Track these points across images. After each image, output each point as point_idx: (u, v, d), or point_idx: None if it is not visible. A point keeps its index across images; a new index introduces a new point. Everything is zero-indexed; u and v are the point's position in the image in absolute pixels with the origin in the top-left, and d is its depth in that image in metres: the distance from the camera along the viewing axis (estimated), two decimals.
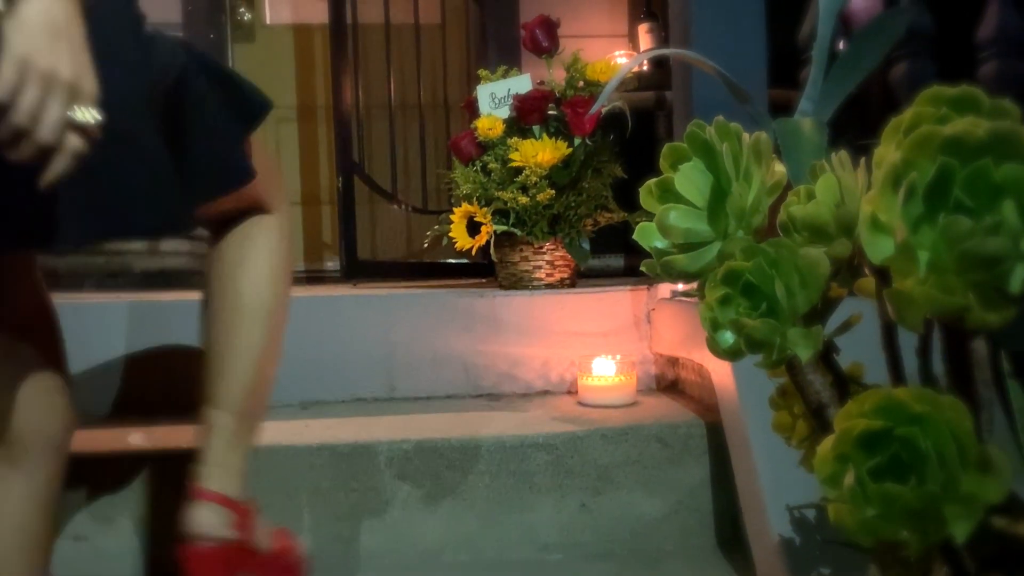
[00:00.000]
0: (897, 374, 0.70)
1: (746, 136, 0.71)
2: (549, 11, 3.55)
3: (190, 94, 0.90)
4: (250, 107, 0.97)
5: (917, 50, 1.78)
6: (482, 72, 1.90)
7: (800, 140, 1.32)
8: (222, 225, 1.05)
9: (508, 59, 3.52)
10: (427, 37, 3.33)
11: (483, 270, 2.57)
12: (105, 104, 0.74)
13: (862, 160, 0.72)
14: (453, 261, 3.20)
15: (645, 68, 3.33)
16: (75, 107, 0.71)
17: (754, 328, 0.61)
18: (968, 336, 0.59)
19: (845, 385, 0.75)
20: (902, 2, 1.80)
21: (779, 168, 0.71)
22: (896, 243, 0.53)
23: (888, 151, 0.62)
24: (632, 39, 3.53)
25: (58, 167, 0.71)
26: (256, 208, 1.04)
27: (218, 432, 1.02)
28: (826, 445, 0.53)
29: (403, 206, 3.20)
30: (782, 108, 1.85)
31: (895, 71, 1.80)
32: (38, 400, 0.95)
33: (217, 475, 1.01)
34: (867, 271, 0.71)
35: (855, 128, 2.16)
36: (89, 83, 0.73)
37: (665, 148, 0.73)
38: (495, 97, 1.61)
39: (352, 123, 3.08)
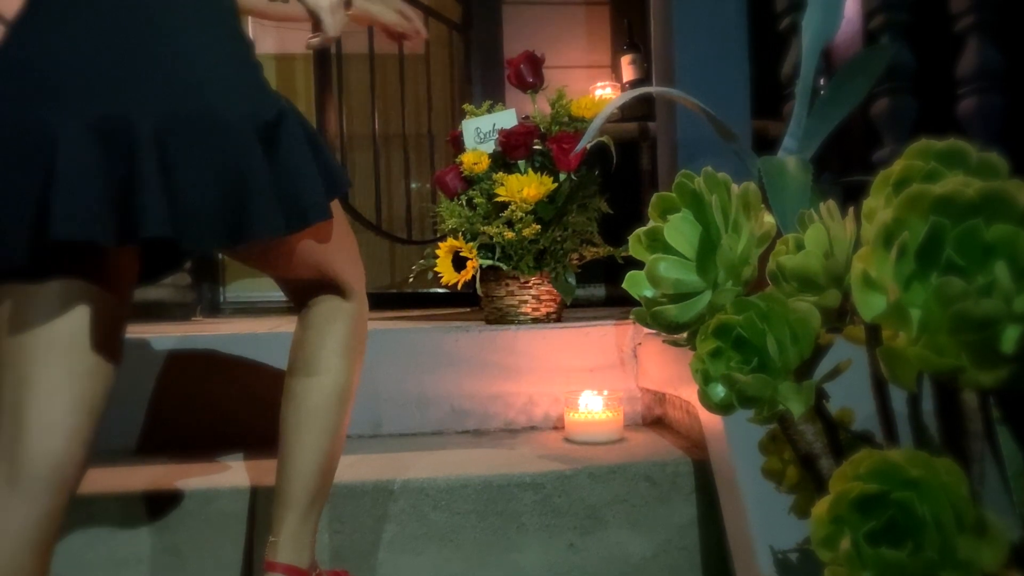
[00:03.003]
0: (889, 427, 0.70)
1: (735, 186, 0.71)
2: (532, 42, 3.59)
3: (287, 134, 0.95)
4: (334, 176, 1.01)
5: (898, 86, 1.80)
6: (467, 107, 1.91)
7: (785, 178, 1.33)
8: (302, 296, 1.14)
9: (492, 89, 3.55)
10: (411, 68, 3.35)
11: (467, 299, 2.56)
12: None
13: (850, 210, 0.72)
14: (437, 291, 3.20)
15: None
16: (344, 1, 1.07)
17: (747, 384, 0.60)
18: (958, 388, 0.59)
19: (835, 433, 0.74)
20: (883, 39, 1.82)
21: (768, 219, 0.71)
22: (888, 302, 0.53)
23: (877, 203, 0.62)
24: (615, 70, 3.57)
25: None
26: (336, 287, 1.12)
27: (292, 507, 1.10)
28: (821, 507, 0.53)
29: (387, 237, 3.19)
30: (760, 137, 1.86)
31: (876, 106, 1.82)
32: (62, 423, 0.92)
33: (289, 547, 1.10)
34: (856, 321, 0.71)
35: (837, 163, 2.19)
36: None
37: (654, 198, 0.72)
38: (480, 132, 1.61)
39: (336, 153, 3.08)
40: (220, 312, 3.44)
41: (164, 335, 1.73)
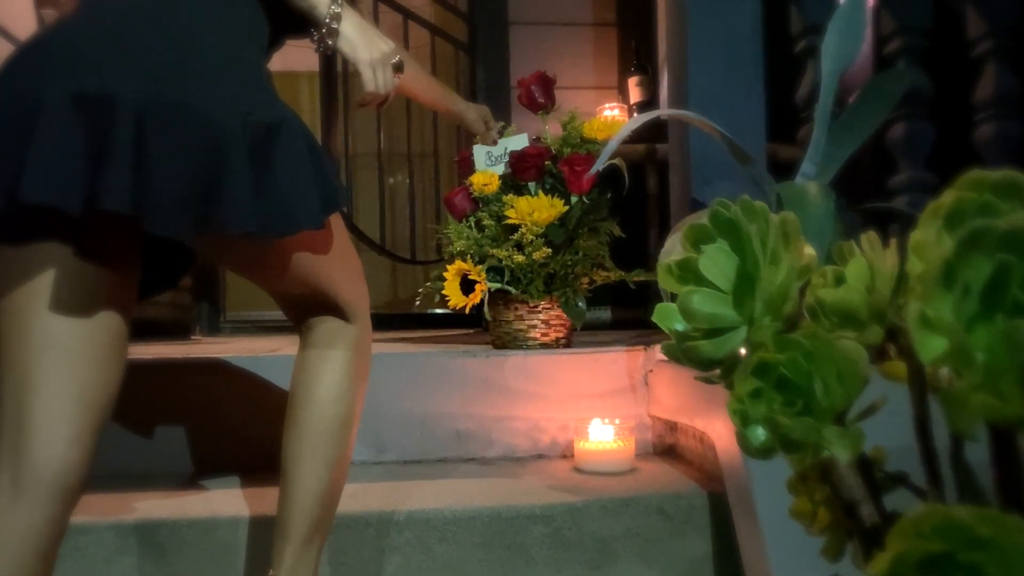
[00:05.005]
0: (932, 472, 0.66)
1: (773, 216, 0.67)
2: (538, 63, 3.58)
3: (286, 139, 0.92)
4: (333, 191, 0.98)
5: (915, 111, 1.77)
6: None
7: (807, 205, 1.29)
8: (300, 314, 1.10)
9: (498, 110, 3.52)
10: None
11: (470, 320, 2.52)
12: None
13: (892, 242, 0.69)
14: (438, 312, 3.16)
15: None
16: (393, 63, 1.10)
17: (791, 428, 0.56)
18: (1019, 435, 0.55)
19: (871, 473, 0.71)
20: (899, 63, 1.79)
21: (809, 251, 0.67)
22: (950, 345, 0.50)
23: (927, 237, 0.58)
24: (622, 91, 3.55)
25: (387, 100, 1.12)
26: (336, 308, 1.09)
27: (292, 539, 1.06)
28: (880, 566, 0.49)
29: (390, 257, 3.16)
30: (769, 161, 1.83)
31: (893, 132, 1.79)
32: (66, 429, 0.89)
33: None
34: (895, 356, 0.68)
35: (849, 188, 2.15)
36: (391, 44, 1.10)
37: (687, 227, 0.69)
38: (491, 156, 1.58)
39: (342, 173, 3.05)
40: (220, 331, 3.40)
41: (162, 356, 1.70)
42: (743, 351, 0.69)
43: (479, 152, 1.50)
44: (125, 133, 0.83)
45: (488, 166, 1.64)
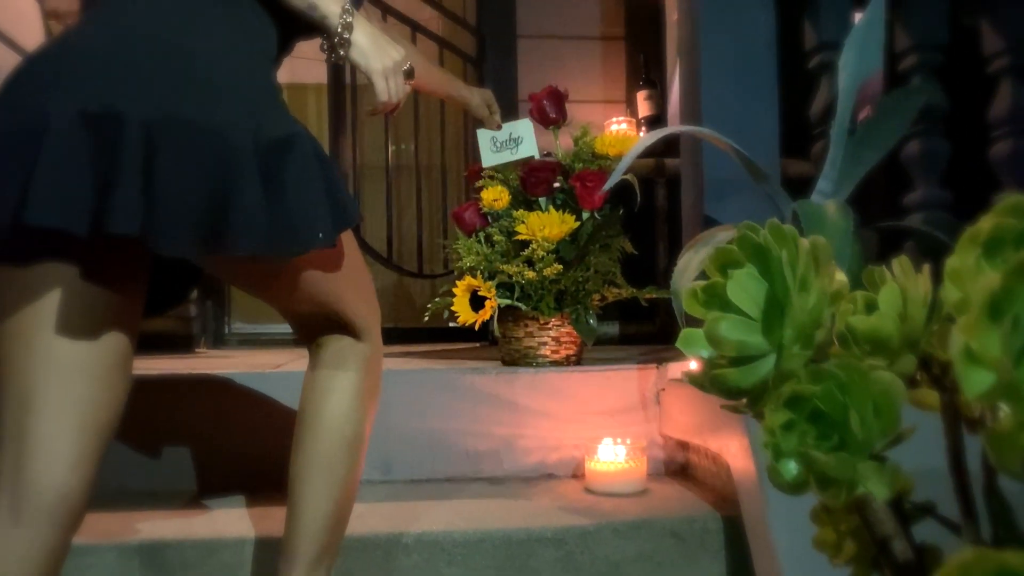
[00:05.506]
0: (968, 507, 0.64)
1: (803, 240, 0.65)
2: (546, 77, 3.57)
3: (297, 156, 0.91)
4: (345, 208, 0.96)
5: (930, 128, 1.75)
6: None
7: (825, 224, 1.27)
8: (311, 332, 1.08)
9: (505, 120, 3.52)
10: (424, 99, 3.32)
11: (478, 333, 2.50)
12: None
13: (925, 268, 0.67)
14: (444, 326, 3.13)
15: (643, 134, 3.32)
16: (405, 71, 1.08)
17: (826, 464, 0.54)
18: None
19: (900, 505, 0.68)
20: (914, 80, 1.77)
21: (840, 277, 0.65)
22: (997, 380, 0.47)
23: (964, 264, 0.56)
24: (630, 105, 3.54)
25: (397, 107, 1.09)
26: (347, 326, 1.07)
27: (298, 562, 1.04)
28: None
29: (397, 271, 3.14)
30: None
31: (908, 148, 1.77)
32: (67, 452, 0.87)
33: None
34: (926, 384, 0.65)
35: (865, 205, 2.13)
36: (402, 51, 1.07)
37: (714, 251, 0.67)
38: (496, 141, 1.54)
39: (350, 185, 3.03)
40: (225, 344, 3.38)
41: (167, 372, 1.67)
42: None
43: (483, 137, 1.47)
44: (134, 153, 0.82)
45: (493, 152, 1.60)
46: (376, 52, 1.04)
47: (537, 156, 1.54)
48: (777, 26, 1.74)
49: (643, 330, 2.91)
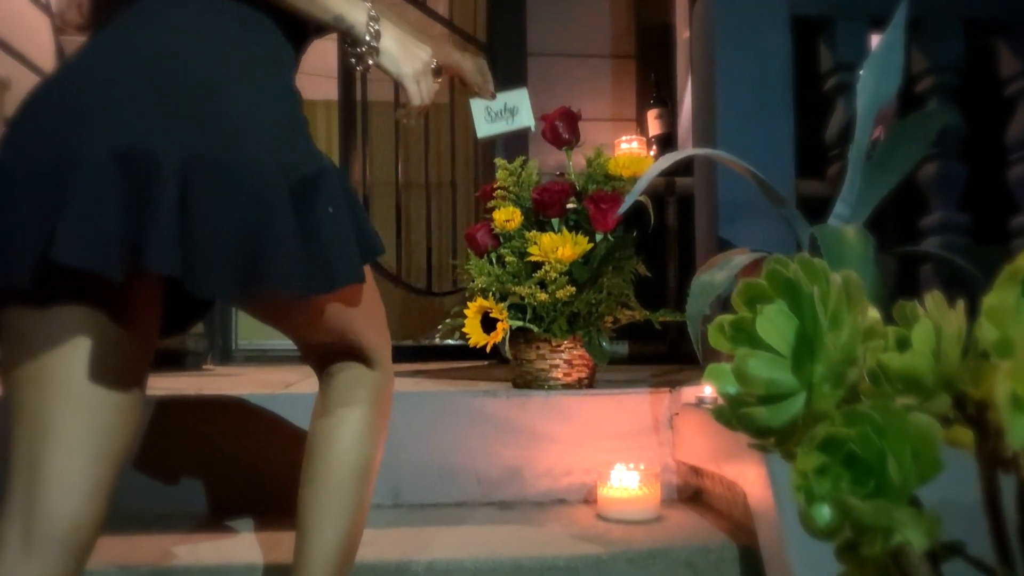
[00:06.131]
0: (1004, 550, 0.62)
1: (834, 275, 0.64)
2: (557, 95, 3.57)
3: (325, 191, 0.90)
4: (369, 240, 0.96)
5: (947, 151, 1.73)
6: (499, 161, 1.85)
7: (844, 249, 1.25)
8: (324, 361, 1.07)
9: (517, 139, 3.51)
10: (435, 116, 3.32)
11: (485, 352, 2.47)
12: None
13: (959, 303, 0.65)
14: (451, 343, 3.11)
15: (653, 152, 3.31)
16: (433, 69, 1.07)
17: (863, 511, 0.52)
18: None
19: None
20: (931, 102, 1.76)
21: (873, 313, 0.63)
22: None
23: (1004, 303, 0.54)
24: (640, 123, 3.53)
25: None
26: (360, 354, 1.05)
27: None
28: None
29: (406, 288, 3.13)
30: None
31: (925, 171, 1.75)
32: (81, 482, 0.85)
33: None
34: (959, 421, 0.63)
35: (880, 228, 2.12)
36: (428, 50, 1.06)
37: (741, 284, 0.65)
38: (491, 111, 1.51)
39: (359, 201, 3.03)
40: (232, 360, 3.37)
41: (175, 393, 1.66)
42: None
43: (477, 107, 1.43)
44: (169, 193, 0.80)
45: (488, 122, 1.56)
46: (406, 56, 1.03)
47: (534, 126, 1.48)
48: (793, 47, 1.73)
49: (654, 350, 2.89)
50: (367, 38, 0.99)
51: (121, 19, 0.91)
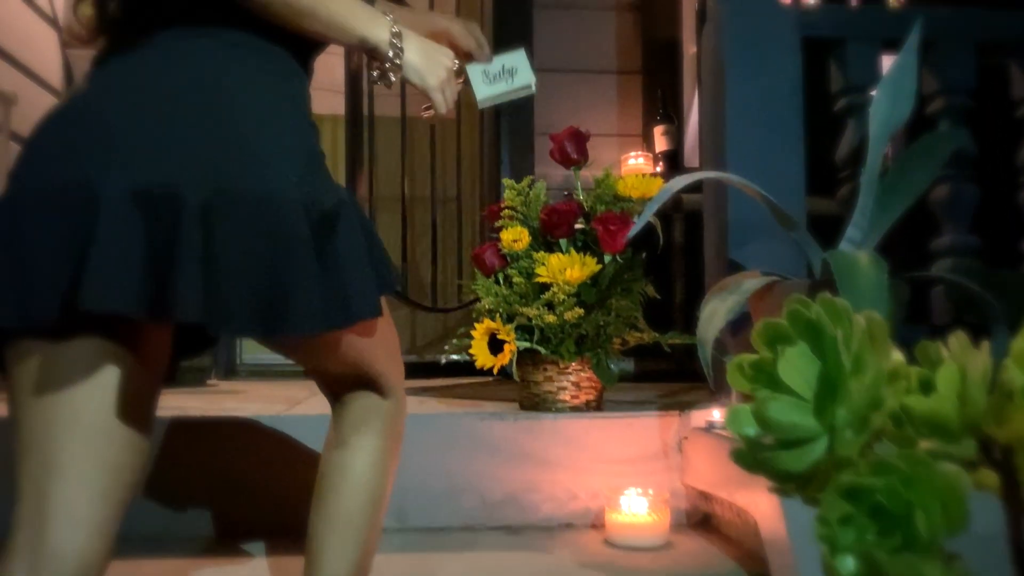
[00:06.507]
0: None
1: (857, 317, 0.62)
2: (562, 110, 3.56)
3: (345, 226, 0.90)
4: (386, 272, 0.96)
5: (959, 173, 1.72)
6: (507, 181, 1.84)
7: (858, 276, 1.23)
8: (338, 390, 1.06)
9: (523, 155, 3.51)
10: (440, 131, 3.31)
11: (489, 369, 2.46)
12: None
13: (983, 344, 0.64)
14: (456, 358, 3.10)
15: (661, 169, 3.30)
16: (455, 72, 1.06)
17: (891, 566, 0.51)
18: None
19: None
20: (942, 124, 1.75)
21: (897, 356, 0.62)
22: None
23: None
24: (647, 139, 3.52)
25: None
26: (373, 383, 1.04)
27: None
28: None
29: (411, 304, 3.11)
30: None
31: (935, 193, 1.74)
32: (89, 517, 0.84)
33: None
34: (984, 465, 0.62)
35: (889, 250, 2.10)
36: (449, 53, 1.06)
37: (761, 324, 0.64)
38: (488, 74, 1.47)
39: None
40: (237, 375, 3.35)
41: (180, 414, 1.64)
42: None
43: (474, 72, 1.40)
44: (192, 233, 0.79)
45: (487, 85, 1.52)
46: (429, 68, 1.01)
47: (535, 85, 1.43)
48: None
49: (660, 367, 2.87)
50: (390, 54, 0.97)
51: (137, 48, 0.89)
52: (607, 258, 1.68)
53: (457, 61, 1.08)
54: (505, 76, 1.44)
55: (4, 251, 0.81)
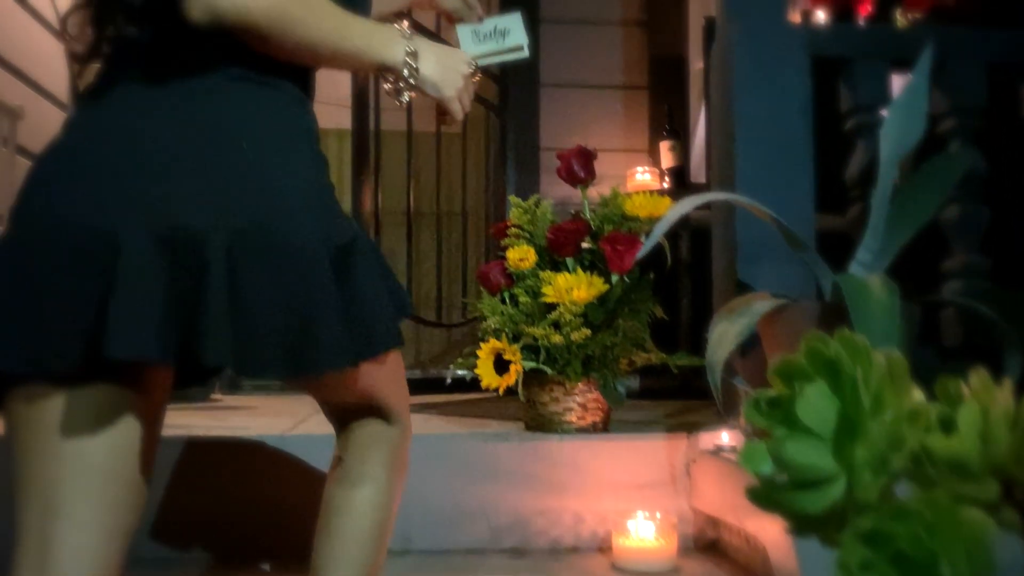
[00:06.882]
0: None
1: (877, 355, 0.61)
2: (569, 126, 3.56)
3: (360, 259, 0.90)
4: (400, 299, 0.97)
5: (969, 193, 1.70)
6: (513, 199, 1.83)
7: (869, 301, 1.22)
8: (344, 418, 1.05)
9: (528, 170, 3.50)
10: (447, 143, 3.31)
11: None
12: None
13: (1005, 382, 0.62)
14: (462, 373, 3.08)
15: (667, 185, 3.30)
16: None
17: None
18: None
19: None
20: (952, 145, 1.73)
21: (918, 395, 0.61)
22: None
23: None
24: (652, 154, 3.52)
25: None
26: (379, 412, 1.04)
27: None
28: None
29: (415, 320, 3.10)
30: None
31: (947, 213, 1.72)
32: (92, 558, 0.83)
33: None
34: (1005, 504, 0.61)
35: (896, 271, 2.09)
36: (464, 56, 1.06)
37: (780, 362, 0.63)
38: (478, 34, 1.43)
39: (370, 231, 3.00)
40: (240, 389, 3.34)
41: (185, 429, 1.63)
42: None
43: (464, 33, 1.35)
44: (217, 277, 0.78)
45: (475, 44, 1.46)
46: (445, 80, 0.98)
47: (527, 47, 1.39)
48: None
49: (665, 384, 2.85)
50: (405, 73, 0.95)
51: (143, 82, 0.86)
52: (614, 278, 1.66)
53: (474, 65, 1.06)
54: (496, 36, 1.37)
55: (14, 295, 0.79)
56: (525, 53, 1.39)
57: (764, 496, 0.63)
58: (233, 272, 0.79)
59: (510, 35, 1.40)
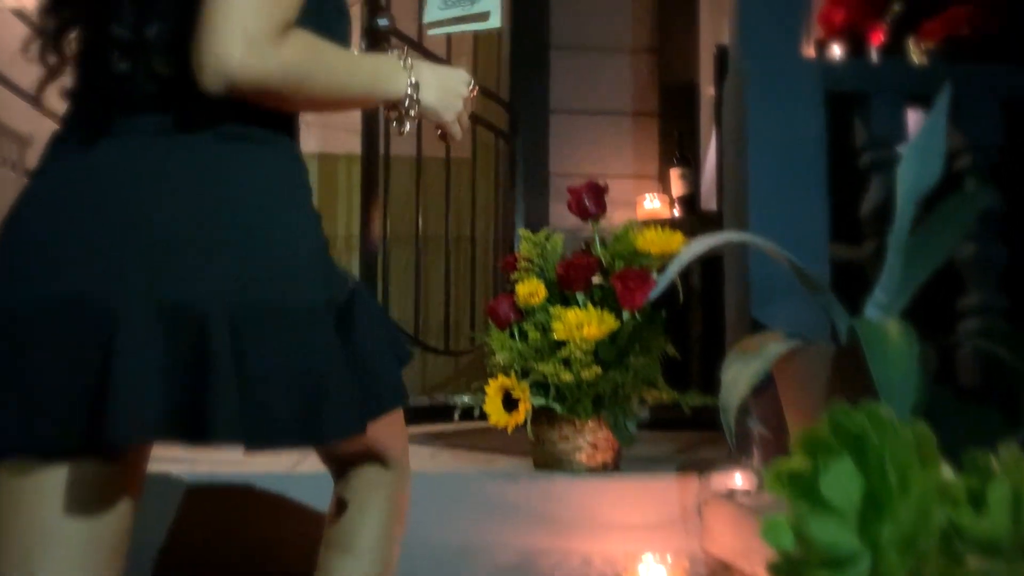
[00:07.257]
0: None
1: (904, 430, 0.59)
2: (578, 152, 3.55)
3: (361, 315, 0.89)
4: (400, 350, 0.97)
5: (985, 231, 1.68)
6: (523, 232, 1.82)
7: (887, 347, 1.19)
8: (343, 466, 1.04)
9: (537, 197, 3.49)
10: (457, 169, 3.29)
11: None
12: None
13: None
14: (468, 399, 3.05)
15: (677, 213, 3.28)
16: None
17: None
18: None
19: None
20: (968, 182, 1.71)
21: (947, 471, 0.58)
22: None
23: None
24: (662, 181, 3.50)
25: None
26: (377, 458, 1.03)
27: None
28: None
29: (423, 347, 3.08)
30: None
31: (963, 252, 1.70)
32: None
33: None
34: None
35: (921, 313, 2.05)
36: (463, 74, 1.02)
37: (804, 434, 0.60)
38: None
39: (379, 256, 2.99)
40: None
41: (189, 466, 1.61)
42: None
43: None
44: (222, 351, 0.75)
45: (440, 8, 1.40)
46: (445, 104, 0.98)
47: (497, 16, 1.33)
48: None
49: (675, 416, 2.81)
50: (406, 104, 0.94)
51: (129, 135, 0.83)
52: (625, 315, 1.64)
53: (473, 82, 1.05)
54: (464, 2, 1.37)
55: (7, 370, 0.75)
56: (494, 22, 1.35)
57: (785, 572, 0.61)
58: (238, 346, 0.77)
59: (479, 1, 1.38)
